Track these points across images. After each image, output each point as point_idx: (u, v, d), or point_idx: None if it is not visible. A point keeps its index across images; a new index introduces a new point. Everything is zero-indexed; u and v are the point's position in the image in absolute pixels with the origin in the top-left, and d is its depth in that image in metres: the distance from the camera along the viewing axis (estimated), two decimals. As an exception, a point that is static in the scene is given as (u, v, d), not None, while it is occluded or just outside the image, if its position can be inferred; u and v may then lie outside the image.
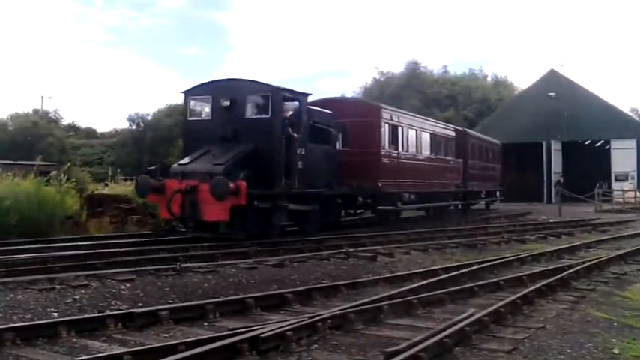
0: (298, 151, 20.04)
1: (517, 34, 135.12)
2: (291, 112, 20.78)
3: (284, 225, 20.11)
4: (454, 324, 8.23)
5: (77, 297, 10.31)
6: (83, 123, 72.96)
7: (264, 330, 7.68)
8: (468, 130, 40.26)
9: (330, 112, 23.26)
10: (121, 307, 9.78)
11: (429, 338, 7.50)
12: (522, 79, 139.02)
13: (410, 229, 23.66)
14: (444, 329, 7.95)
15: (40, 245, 16.39)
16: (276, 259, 14.74)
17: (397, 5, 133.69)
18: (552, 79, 57.00)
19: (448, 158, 33.52)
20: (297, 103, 20.93)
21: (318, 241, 18.81)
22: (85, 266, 13.12)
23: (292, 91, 20.72)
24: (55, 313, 9.32)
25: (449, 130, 34.99)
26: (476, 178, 38.37)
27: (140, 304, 9.99)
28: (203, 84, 21.48)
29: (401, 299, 10.10)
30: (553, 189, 50.27)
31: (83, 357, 6.96)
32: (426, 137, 30.42)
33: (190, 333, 8.36)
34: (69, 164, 28.44)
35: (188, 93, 21.56)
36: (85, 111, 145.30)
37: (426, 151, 30.45)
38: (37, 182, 21.09)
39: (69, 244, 16.83)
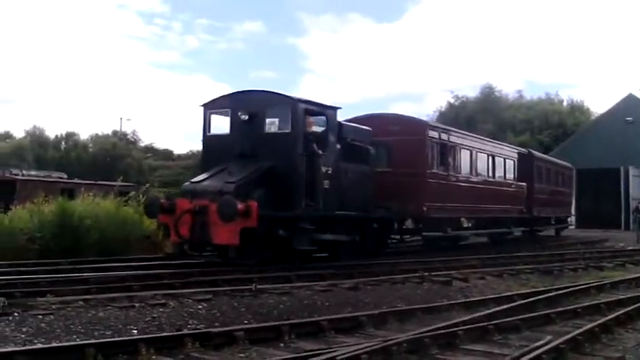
0: (324, 170, 18.35)
1: (593, 58, 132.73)
2: (316, 128, 19.44)
3: (309, 250, 18.44)
4: (530, 351, 8.14)
5: (156, 315, 10.50)
6: (160, 145, 74.19)
7: (339, 352, 7.71)
8: (533, 151, 37.77)
9: (368, 128, 21.70)
10: (198, 327, 9.91)
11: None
12: (599, 104, 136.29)
13: (466, 256, 22.68)
14: (520, 356, 7.87)
15: (119, 264, 16.75)
16: (350, 282, 14.74)
17: (471, 28, 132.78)
18: (630, 103, 55.78)
19: (509, 181, 31.33)
20: (323, 117, 19.43)
21: (392, 264, 18.76)
22: (163, 285, 13.40)
23: (318, 104, 19.24)
24: (135, 331, 9.49)
25: (510, 151, 32.91)
26: (543, 203, 35.89)
27: (217, 324, 10.10)
28: (223, 96, 20.12)
29: (476, 325, 10.02)
30: (631, 215, 49.19)
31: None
32: (482, 158, 28.41)
33: (266, 354, 8.42)
34: (147, 185, 28.99)
35: (207, 107, 19.92)
36: (162, 133, 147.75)
37: (482, 174, 28.43)
38: (116, 202, 21.56)
39: (146, 263, 17.17)
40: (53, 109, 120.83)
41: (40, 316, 9.96)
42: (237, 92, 19.99)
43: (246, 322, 10.41)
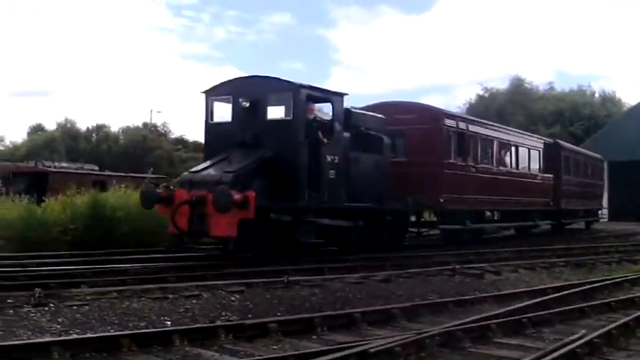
0: (329, 159, 17.74)
1: (626, 48, 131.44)
2: (320, 115, 19.04)
3: (315, 244, 17.86)
4: (564, 345, 8.07)
5: (189, 307, 10.54)
6: (191, 136, 74.40)
7: (372, 345, 7.71)
8: (560, 142, 36.88)
9: (380, 116, 21.02)
10: (231, 318, 9.97)
11: (539, 359, 7.40)
12: (631, 95, 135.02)
13: (489, 250, 22.31)
14: (554, 350, 7.80)
15: (150, 256, 16.86)
16: (382, 275, 14.71)
17: (501, 19, 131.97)
18: (663, 94, 55.12)
19: (534, 173, 30.51)
20: (329, 104, 18.82)
21: (424, 257, 18.72)
22: (197, 277, 13.46)
23: (322, 90, 18.49)
24: (168, 322, 9.56)
25: (536, 141, 31.89)
26: (572, 195, 34.89)
27: (249, 316, 10.14)
28: (224, 83, 19.10)
29: (509, 318, 9.96)
30: (666, 208, 48.56)
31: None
32: (504, 148, 27.87)
33: (299, 345, 8.42)
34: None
35: (209, 93, 19.05)
36: (192, 124, 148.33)
37: (505, 164, 27.78)
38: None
39: (178, 254, 17.24)
40: (84, 102, 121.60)
41: (75, 307, 10.06)
42: (239, 78, 19.48)
43: (278, 314, 10.43)
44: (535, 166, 30.78)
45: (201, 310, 10.44)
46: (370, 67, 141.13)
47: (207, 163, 17.46)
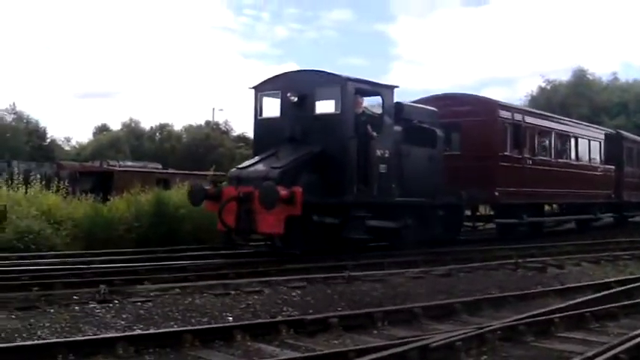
0: (379, 153, 17.29)
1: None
2: (369, 108, 18.48)
3: (364, 239, 17.43)
4: (630, 339, 7.94)
5: (250, 302, 10.62)
6: (252, 134, 74.57)
7: (433, 340, 7.69)
8: (623, 132, 35.09)
9: (433, 109, 20.53)
10: (292, 314, 10.02)
11: (603, 353, 7.27)
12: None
13: (551, 243, 21.93)
14: (619, 344, 7.68)
15: (212, 252, 17.00)
16: (443, 269, 14.64)
17: (562, 10, 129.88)
18: None
19: (595, 164, 29.36)
20: (378, 97, 18.31)
21: (486, 251, 18.58)
22: (258, 273, 13.57)
23: (371, 82, 18.00)
24: (230, 318, 9.64)
25: (596, 132, 30.74)
26: (634, 187, 33.05)
27: (310, 311, 10.18)
28: (273, 77, 18.74)
29: (572, 312, 9.84)
30: None
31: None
32: (562, 140, 26.99)
33: (360, 340, 8.43)
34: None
35: (258, 89, 18.71)
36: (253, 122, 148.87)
37: (563, 156, 26.91)
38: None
39: (239, 251, 17.34)
40: (148, 102, 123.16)
41: (139, 303, 10.20)
42: (287, 72, 18.92)
43: (339, 309, 10.46)
44: (596, 157, 29.84)
45: (263, 305, 10.51)
46: (430, 62, 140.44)
47: (256, 159, 17.40)
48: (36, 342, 7.77)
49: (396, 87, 18.37)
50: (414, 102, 21.71)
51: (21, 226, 16.33)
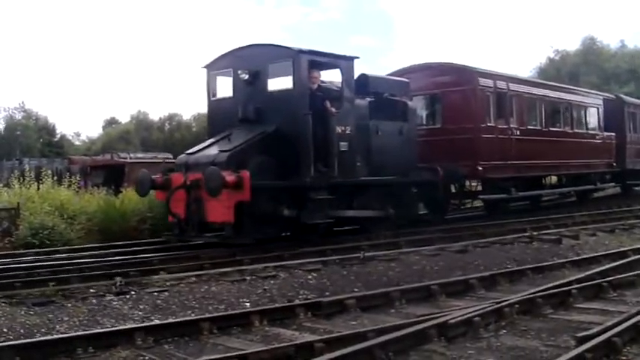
0: (340, 130, 15.98)
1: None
2: (326, 82, 17.00)
3: (328, 224, 16.41)
4: (648, 307, 7.94)
5: (267, 287, 10.62)
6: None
7: (451, 316, 7.69)
8: (624, 97, 33.08)
9: (403, 80, 19.24)
10: (309, 297, 10.04)
11: (622, 322, 7.22)
12: None
13: (566, 214, 21.66)
14: (638, 313, 7.67)
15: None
16: (459, 245, 14.58)
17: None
18: None
19: (592, 132, 27.67)
20: (337, 70, 16.82)
21: (500, 225, 18.53)
22: (273, 258, 13.56)
23: (326, 54, 16.51)
24: (247, 303, 9.65)
25: (593, 97, 28.87)
26: (638, 154, 31.37)
27: (327, 293, 10.20)
28: (223, 55, 17.48)
29: (590, 282, 9.81)
30: None
31: (278, 345, 7.19)
32: (553, 107, 25.16)
33: (377, 320, 8.43)
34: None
35: (209, 68, 17.58)
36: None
37: (555, 124, 25.10)
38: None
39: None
40: (156, 93, 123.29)
41: (156, 294, 10.20)
42: (238, 48, 17.37)
43: (356, 290, 10.47)
44: (594, 124, 28.29)
45: (279, 290, 10.51)
46: (436, 37, 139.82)
47: (206, 143, 16.44)
48: (56, 336, 7.80)
49: (356, 58, 17.02)
50: (391, 73, 20.98)
51: (35, 223, 16.34)
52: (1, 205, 17.72)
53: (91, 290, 10.58)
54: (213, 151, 15.53)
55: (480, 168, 20.43)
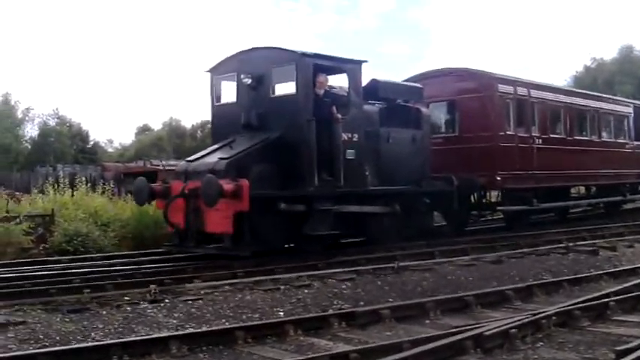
0: (346, 137, 15.43)
1: None
2: (335, 87, 16.57)
3: (333, 235, 15.72)
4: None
5: (301, 297, 10.59)
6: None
7: (487, 328, 7.61)
8: None
9: (417, 85, 18.83)
10: (343, 306, 9.99)
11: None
12: None
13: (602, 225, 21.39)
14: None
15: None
16: (493, 256, 14.53)
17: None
18: None
19: (622, 141, 26.65)
20: (344, 75, 16.28)
21: (535, 236, 18.37)
22: (307, 267, 13.54)
23: (333, 58, 16.02)
24: (281, 313, 9.62)
25: (623, 106, 27.69)
26: None
27: (361, 303, 10.15)
28: (228, 58, 16.97)
29: (628, 295, 9.69)
30: None
31: (313, 355, 7.16)
32: (579, 115, 24.13)
33: (412, 331, 8.39)
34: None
35: (213, 72, 17.15)
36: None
37: (581, 133, 24.21)
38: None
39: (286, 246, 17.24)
40: (188, 101, 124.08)
41: (190, 302, 10.20)
42: (242, 51, 16.79)
43: (390, 300, 10.42)
44: (623, 133, 27.19)
45: (313, 299, 10.49)
46: (471, 45, 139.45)
47: (208, 150, 16.04)
48: (91, 344, 7.83)
49: (364, 62, 16.39)
50: (407, 79, 20.51)
51: (69, 229, 16.45)
52: (36, 211, 17.84)
53: (126, 298, 10.60)
54: (214, 158, 15.08)
55: (499, 178, 19.67)
